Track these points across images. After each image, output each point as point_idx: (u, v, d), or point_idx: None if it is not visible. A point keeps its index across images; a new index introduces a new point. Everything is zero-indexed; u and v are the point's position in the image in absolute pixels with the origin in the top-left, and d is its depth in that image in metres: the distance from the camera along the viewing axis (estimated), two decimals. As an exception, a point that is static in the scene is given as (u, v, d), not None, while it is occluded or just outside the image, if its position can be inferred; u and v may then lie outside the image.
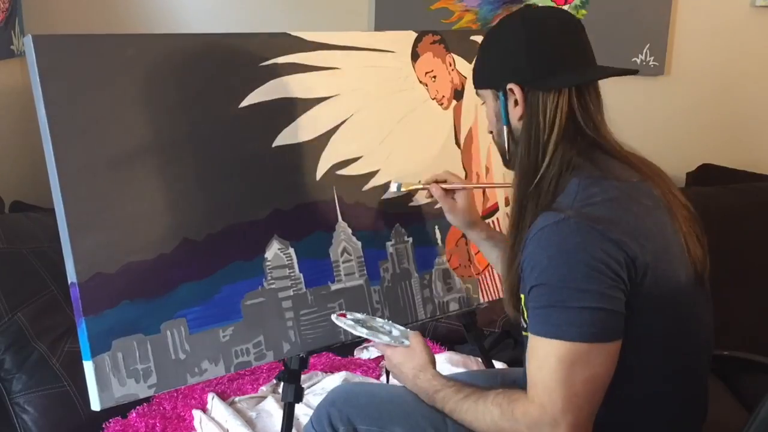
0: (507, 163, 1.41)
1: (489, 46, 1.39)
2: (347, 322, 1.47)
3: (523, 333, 1.31)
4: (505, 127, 1.36)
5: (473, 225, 1.65)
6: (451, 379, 1.37)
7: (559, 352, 1.17)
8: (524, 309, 1.27)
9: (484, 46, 1.39)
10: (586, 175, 1.26)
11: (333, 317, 1.49)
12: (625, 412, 1.27)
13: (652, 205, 1.26)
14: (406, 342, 1.42)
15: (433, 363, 1.40)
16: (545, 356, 1.18)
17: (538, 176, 1.29)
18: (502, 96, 1.34)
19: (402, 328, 1.48)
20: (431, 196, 1.66)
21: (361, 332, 1.44)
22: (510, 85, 1.33)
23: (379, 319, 1.51)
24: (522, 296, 1.28)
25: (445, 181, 1.64)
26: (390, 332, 1.46)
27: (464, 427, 1.32)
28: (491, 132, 1.43)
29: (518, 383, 1.52)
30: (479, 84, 1.41)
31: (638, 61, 2.70)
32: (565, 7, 2.70)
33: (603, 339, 1.17)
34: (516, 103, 1.33)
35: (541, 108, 1.30)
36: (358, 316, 1.51)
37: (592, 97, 1.33)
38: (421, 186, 1.66)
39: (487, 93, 1.39)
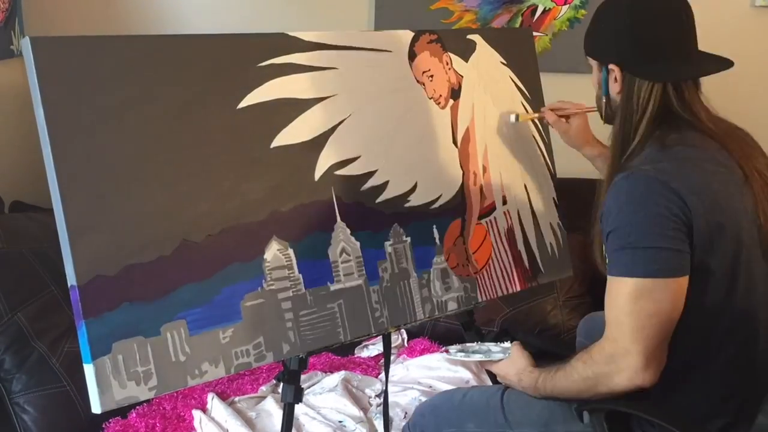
0: (605, 121, 1.54)
1: (598, 20, 1.50)
2: (458, 356, 1.67)
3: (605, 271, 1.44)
4: (604, 97, 1.49)
5: (586, 143, 1.84)
6: (546, 365, 1.49)
7: (627, 288, 1.30)
8: (604, 251, 1.41)
9: (595, 18, 1.50)
10: (660, 142, 1.38)
11: (445, 357, 1.70)
12: (685, 356, 1.37)
13: (722, 171, 1.37)
14: (509, 354, 1.60)
15: (533, 364, 1.54)
16: (616, 295, 1.33)
17: (630, 149, 1.41)
18: (604, 70, 1.46)
19: (501, 345, 1.65)
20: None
21: (476, 357, 1.64)
22: (611, 65, 1.44)
23: (475, 345, 1.71)
24: (603, 246, 1.41)
25: (558, 109, 1.84)
26: (489, 350, 1.66)
27: (517, 409, 1.51)
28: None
29: None
30: (587, 51, 1.53)
31: (637, 60, 2.70)
32: (565, 8, 2.70)
33: (667, 275, 1.29)
34: (615, 79, 1.45)
35: (635, 93, 1.42)
36: (459, 346, 1.70)
37: (689, 84, 1.42)
38: (536, 115, 1.88)
39: (592, 61, 1.52)
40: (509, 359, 1.58)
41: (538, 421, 1.50)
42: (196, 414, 2.01)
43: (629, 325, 1.30)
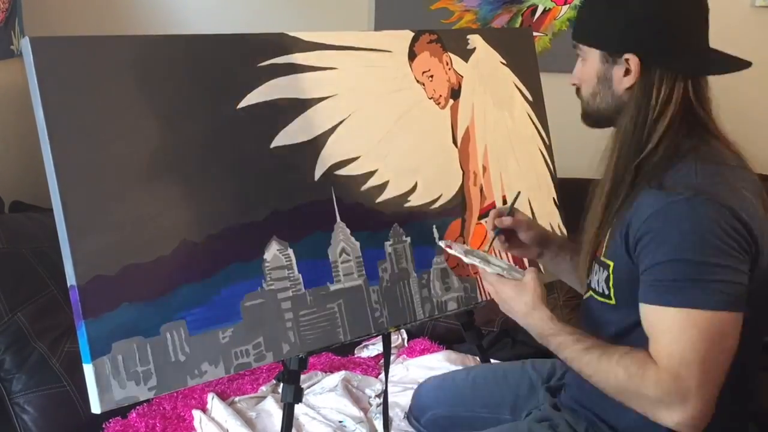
0: (586, 120, 1.39)
1: (614, 3, 1.30)
2: (458, 250, 1.45)
3: (596, 296, 1.33)
4: (600, 94, 1.33)
5: (544, 244, 1.61)
6: (568, 325, 1.32)
7: (699, 322, 1.16)
8: (611, 276, 1.28)
9: (608, 1, 1.31)
10: (701, 157, 1.24)
11: (442, 244, 1.50)
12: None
13: (753, 191, 1.25)
14: (518, 276, 1.38)
15: (545, 300, 1.34)
16: (683, 328, 1.17)
17: (643, 154, 1.27)
18: (611, 61, 1.30)
19: (507, 263, 1.45)
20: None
21: (473, 260, 1.42)
22: (627, 55, 1.28)
23: (486, 254, 1.48)
24: (611, 263, 1.28)
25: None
26: (500, 266, 1.42)
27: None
28: (575, 85, 1.40)
29: (541, 373, 1.59)
30: (587, 39, 1.34)
31: (637, 60, 2.70)
32: (565, 8, 2.70)
33: (738, 308, 1.17)
34: (627, 72, 1.29)
35: (656, 87, 1.27)
36: (466, 247, 1.49)
37: (705, 81, 1.31)
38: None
39: (591, 51, 1.33)
40: (519, 283, 1.36)
41: None
42: (196, 414, 2.01)
43: (699, 366, 1.15)
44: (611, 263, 1.28)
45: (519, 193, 1.64)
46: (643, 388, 1.19)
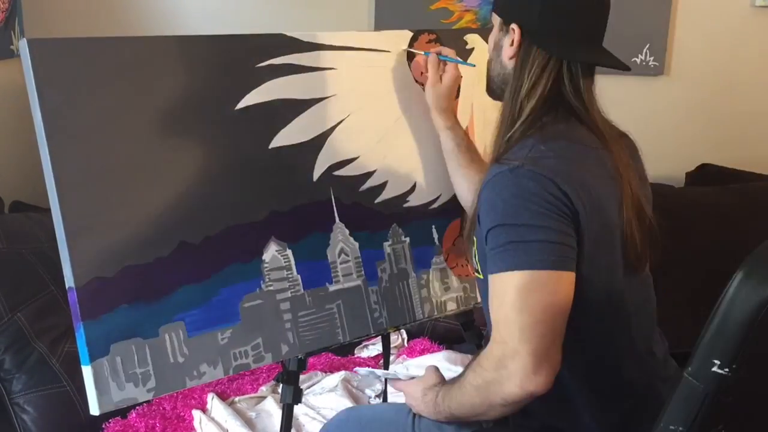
0: (487, 90, 1.46)
1: None
2: (363, 372, 1.62)
3: (476, 275, 1.37)
4: (494, 60, 1.40)
5: (445, 111, 1.66)
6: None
7: (517, 282, 1.19)
8: (476, 252, 1.33)
9: None
10: (547, 135, 1.29)
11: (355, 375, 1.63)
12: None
13: (602, 174, 1.29)
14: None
15: (442, 380, 1.39)
16: (504, 291, 1.21)
17: (513, 129, 1.33)
18: (505, 29, 1.37)
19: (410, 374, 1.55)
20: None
21: (386, 374, 1.58)
22: (513, 25, 1.35)
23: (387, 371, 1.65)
24: (474, 239, 1.33)
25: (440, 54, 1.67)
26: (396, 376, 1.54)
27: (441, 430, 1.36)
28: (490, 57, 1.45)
29: None
30: (494, 6, 1.43)
31: (638, 61, 2.70)
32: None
33: (559, 267, 1.20)
34: (512, 43, 1.35)
35: (530, 62, 1.33)
36: (362, 372, 1.66)
37: (584, 72, 1.34)
38: (422, 52, 1.71)
39: (495, 17, 1.41)
40: (420, 378, 1.43)
41: None
42: (196, 414, 2.01)
43: (519, 322, 1.18)
44: (475, 238, 1.33)
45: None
46: (484, 373, 1.22)
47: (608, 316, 1.30)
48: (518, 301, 1.19)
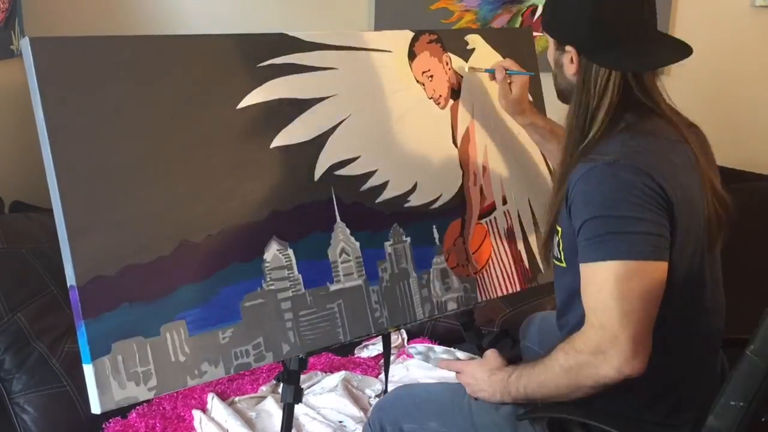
0: (558, 96, 1.50)
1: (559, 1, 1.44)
2: (418, 357, 1.63)
3: (555, 262, 1.42)
4: (558, 76, 1.45)
5: (522, 113, 1.77)
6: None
7: (617, 271, 1.25)
8: (560, 241, 1.38)
9: None
10: (633, 131, 1.34)
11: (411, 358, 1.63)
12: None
13: (686, 165, 1.34)
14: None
15: (506, 365, 1.44)
16: (603, 280, 1.26)
17: (586, 140, 1.36)
18: (560, 49, 1.41)
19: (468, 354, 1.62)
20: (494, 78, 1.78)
21: (442, 356, 1.60)
22: (568, 47, 1.39)
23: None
24: (559, 229, 1.38)
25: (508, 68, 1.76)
26: (456, 356, 1.61)
27: (484, 412, 1.41)
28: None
29: None
30: (544, 26, 1.48)
31: (637, 60, 2.70)
32: (564, 7, 2.70)
33: (656, 257, 1.26)
34: (572, 60, 1.39)
35: (593, 78, 1.37)
36: (420, 348, 1.66)
37: (648, 72, 1.38)
38: (484, 69, 1.81)
39: (549, 38, 1.46)
40: (481, 359, 1.48)
41: (504, 427, 1.42)
42: (196, 414, 2.01)
43: (618, 309, 1.24)
44: (560, 229, 1.38)
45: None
46: (578, 356, 1.28)
47: (689, 296, 1.36)
48: (617, 290, 1.24)
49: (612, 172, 1.28)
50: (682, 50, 1.42)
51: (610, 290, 1.25)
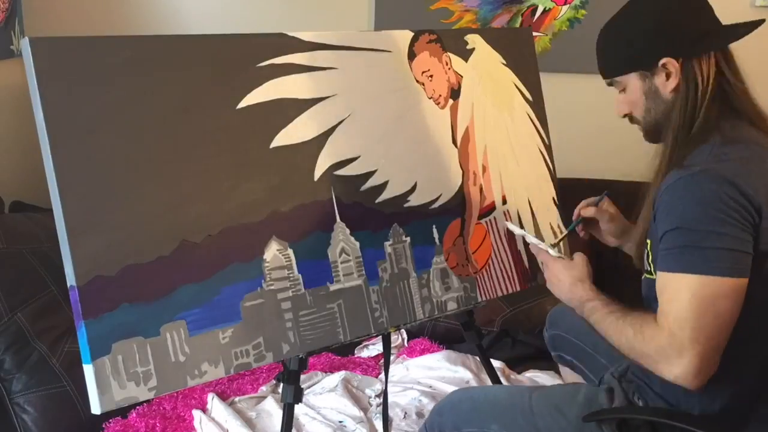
0: (650, 138, 1.48)
1: (624, 29, 1.44)
2: (519, 231, 1.70)
3: (646, 275, 1.42)
4: (651, 109, 1.43)
5: (624, 235, 1.72)
6: (605, 295, 1.45)
7: (693, 286, 1.25)
8: (649, 253, 1.38)
9: (618, 31, 1.45)
10: (723, 138, 1.34)
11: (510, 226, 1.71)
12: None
13: None
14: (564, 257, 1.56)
15: (590, 277, 1.50)
16: (678, 290, 1.27)
17: (693, 132, 1.37)
18: (649, 75, 1.42)
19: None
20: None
21: (532, 240, 1.62)
22: (663, 61, 1.39)
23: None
24: (649, 242, 1.38)
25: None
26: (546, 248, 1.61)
27: (547, 414, 1.44)
28: (627, 115, 1.49)
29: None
30: (619, 71, 1.46)
31: (637, 60, 2.70)
32: (565, 8, 2.70)
33: (733, 275, 1.25)
34: (668, 76, 1.40)
35: (698, 73, 1.38)
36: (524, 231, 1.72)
37: (731, 56, 1.43)
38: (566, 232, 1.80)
39: (629, 78, 1.44)
40: (570, 262, 1.53)
41: (568, 428, 1.44)
42: (196, 414, 2.01)
43: (691, 324, 1.24)
44: (650, 241, 1.39)
45: (606, 192, 1.75)
46: (644, 345, 1.30)
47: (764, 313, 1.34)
48: (691, 304, 1.25)
49: (696, 182, 1.28)
50: (747, 23, 1.47)
51: (683, 302, 1.25)
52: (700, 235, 1.26)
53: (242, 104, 1.49)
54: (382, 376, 2.00)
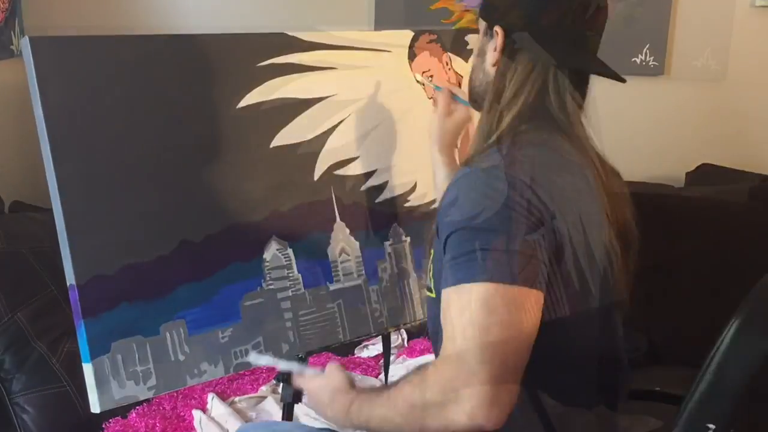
0: (470, 101, 1.35)
1: None
2: (262, 359, 1.43)
3: (427, 293, 1.22)
4: (476, 69, 1.29)
5: (449, 146, 1.56)
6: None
7: (480, 295, 1.03)
8: (430, 267, 1.19)
9: None
10: (522, 141, 1.16)
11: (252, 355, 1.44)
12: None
13: (584, 189, 1.16)
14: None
15: (352, 385, 1.23)
16: (465, 304, 1.04)
17: (488, 141, 1.20)
18: (489, 33, 1.26)
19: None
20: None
21: (285, 366, 1.41)
22: (497, 28, 1.24)
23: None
24: (431, 252, 1.18)
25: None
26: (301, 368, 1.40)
27: None
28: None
29: None
30: (480, 11, 1.30)
31: (638, 61, 2.70)
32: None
33: (526, 283, 1.05)
34: (495, 48, 1.24)
35: (512, 68, 1.21)
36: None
37: (574, 83, 1.21)
38: (434, 86, 1.64)
39: (482, 23, 1.29)
40: (324, 375, 1.27)
41: None
42: (196, 414, 2.01)
43: (479, 339, 1.01)
44: (432, 251, 1.19)
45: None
46: (427, 391, 1.05)
47: (575, 337, 1.16)
48: (479, 316, 1.03)
49: (486, 178, 1.10)
50: (617, 74, 1.26)
51: (471, 316, 1.03)
52: (487, 236, 1.05)
53: (242, 104, 1.49)
54: (382, 376, 2.00)
